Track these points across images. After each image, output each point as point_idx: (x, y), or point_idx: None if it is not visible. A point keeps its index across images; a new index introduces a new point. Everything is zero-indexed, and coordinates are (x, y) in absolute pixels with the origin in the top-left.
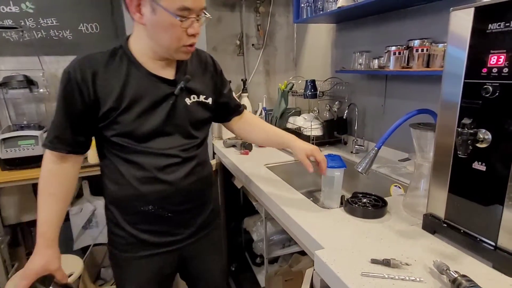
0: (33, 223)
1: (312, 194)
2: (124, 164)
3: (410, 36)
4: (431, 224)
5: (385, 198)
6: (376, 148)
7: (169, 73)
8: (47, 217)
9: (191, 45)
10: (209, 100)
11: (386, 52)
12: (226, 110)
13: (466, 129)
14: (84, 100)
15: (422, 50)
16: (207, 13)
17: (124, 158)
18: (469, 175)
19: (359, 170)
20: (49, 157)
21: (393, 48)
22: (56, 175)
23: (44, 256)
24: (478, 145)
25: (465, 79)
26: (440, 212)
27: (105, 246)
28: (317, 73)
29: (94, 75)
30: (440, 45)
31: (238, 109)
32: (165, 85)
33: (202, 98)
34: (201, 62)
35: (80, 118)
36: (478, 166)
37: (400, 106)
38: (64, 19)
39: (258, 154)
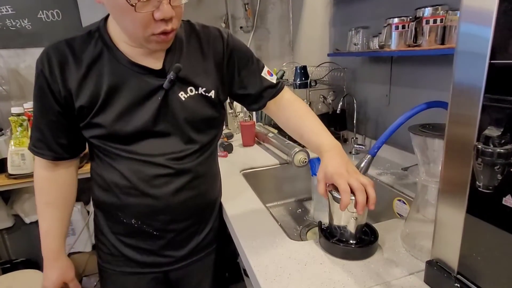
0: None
1: (302, 204)
2: (107, 169)
3: (418, 3)
4: (437, 279)
5: (378, 227)
6: (369, 156)
7: (155, 62)
8: (48, 228)
9: (164, 33)
10: (211, 94)
11: (385, 26)
12: (250, 98)
13: (492, 145)
14: (56, 97)
15: (435, 22)
16: None
17: (107, 163)
18: (498, 214)
19: None
20: (39, 162)
21: (395, 20)
22: (50, 181)
23: (57, 268)
24: None
25: (491, 59)
26: (451, 261)
27: (86, 254)
28: (316, 58)
29: (62, 66)
30: (459, 13)
31: (270, 93)
32: (151, 76)
33: (201, 91)
34: (202, 42)
35: (58, 118)
36: None
37: (410, 95)
38: (21, 6)
39: (239, 156)
